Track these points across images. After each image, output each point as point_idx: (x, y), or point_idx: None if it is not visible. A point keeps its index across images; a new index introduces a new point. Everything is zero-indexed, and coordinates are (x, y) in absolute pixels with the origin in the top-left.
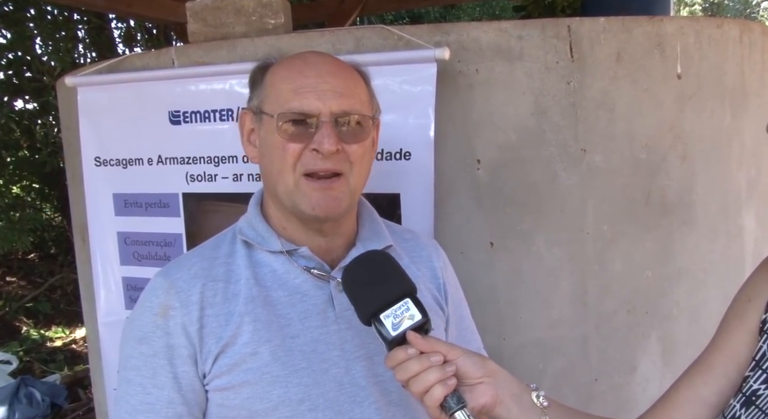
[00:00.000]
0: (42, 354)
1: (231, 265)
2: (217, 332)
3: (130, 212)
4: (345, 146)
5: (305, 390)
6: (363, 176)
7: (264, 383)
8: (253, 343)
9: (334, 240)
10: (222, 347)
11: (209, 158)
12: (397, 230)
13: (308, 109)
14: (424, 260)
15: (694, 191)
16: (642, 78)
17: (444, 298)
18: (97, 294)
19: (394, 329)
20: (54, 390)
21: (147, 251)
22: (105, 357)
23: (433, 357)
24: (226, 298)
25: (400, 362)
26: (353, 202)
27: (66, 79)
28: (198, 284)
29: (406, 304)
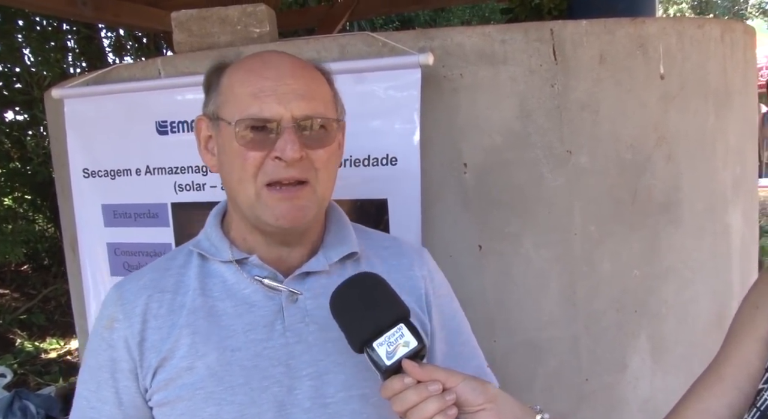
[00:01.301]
0: (37, 366)
1: (182, 276)
2: (157, 345)
3: (120, 222)
4: (309, 152)
5: (239, 410)
6: (330, 182)
7: (197, 399)
8: (190, 357)
9: (296, 250)
10: (160, 361)
11: (197, 167)
12: (374, 237)
13: (268, 114)
14: (403, 268)
15: (680, 190)
16: (625, 79)
17: (426, 310)
18: (88, 306)
19: (388, 357)
20: (48, 403)
21: (137, 262)
22: None
23: (431, 385)
24: (172, 310)
25: (396, 392)
26: (320, 210)
27: (53, 92)
28: (144, 296)
29: (400, 330)
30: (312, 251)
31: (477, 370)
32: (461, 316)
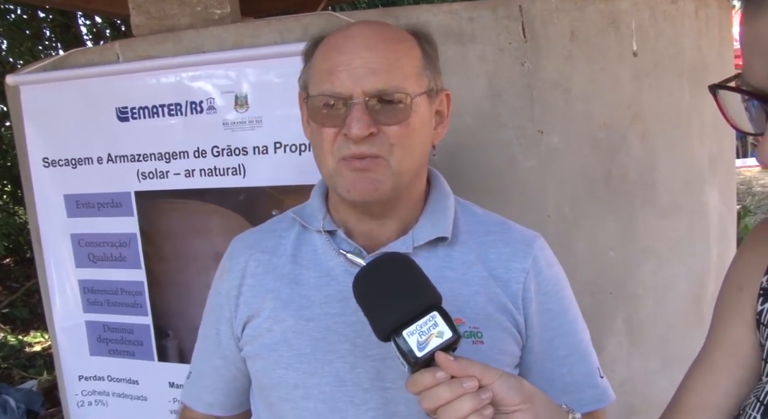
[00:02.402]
0: (21, 360)
1: (282, 240)
2: (249, 302)
3: (83, 213)
4: (383, 128)
5: (302, 378)
6: (410, 157)
7: (270, 360)
8: (271, 319)
9: (386, 224)
10: (249, 317)
11: (160, 154)
12: (483, 220)
13: (338, 90)
14: (503, 258)
15: (655, 169)
16: (597, 57)
17: (521, 306)
18: (53, 299)
19: (420, 348)
20: (30, 397)
21: (102, 253)
22: (64, 362)
23: (466, 382)
24: (266, 271)
25: (426, 387)
26: (399, 185)
27: (7, 78)
28: (246, 254)
29: (434, 319)
30: (404, 229)
31: (584, 378)
32: (573, 318)
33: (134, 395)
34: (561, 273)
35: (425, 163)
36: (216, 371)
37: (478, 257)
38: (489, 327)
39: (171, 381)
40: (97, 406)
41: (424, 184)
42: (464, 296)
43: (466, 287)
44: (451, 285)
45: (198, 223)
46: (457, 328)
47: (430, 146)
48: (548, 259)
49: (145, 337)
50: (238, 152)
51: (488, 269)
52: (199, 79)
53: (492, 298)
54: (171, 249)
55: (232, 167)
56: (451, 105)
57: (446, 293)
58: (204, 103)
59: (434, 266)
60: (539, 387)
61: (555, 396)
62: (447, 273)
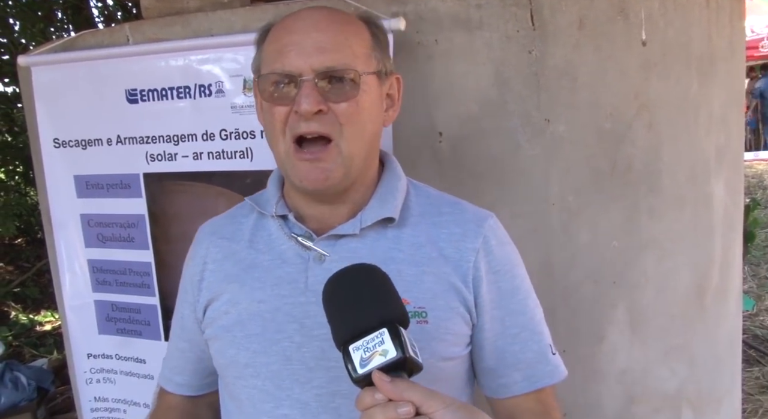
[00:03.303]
0: (32, 339)
1: (240, 226)
2: (210, 286)
3: (92, 193)
4: (332, 105)
5: (252, 357)
6: (359, 140)
7: (224, 341)
8: (228, 303)
9: (338, 209)
10: (209, 300)
11: (168, 137)
12: (435, 201)
13: (289, 68)
14: (453, 238)
15: (660, 159)
16: (605, 45)
17: (471, 285)
18: (62, 278)
19: (362, 365)
20: (40, 375)
21: (111, 233)
22: (73, 340)
23: (401, 407)
24: (226, 256)
25: (366, 407)
26: (351, 170)
27: (19, 59)
28: (207, 240)
29: (381, 336)
30: (355, 212)
31: (536, 355)
32: (524, 296)
33: (141, 373)
34: (513, 252)
35: (376, 145)
36: (182, 353)
37: (429, 238)
38: (435, 307)
39: None
40: (105, 384)
41: (376, 167)
42: (410, 276)
43: (414, 267)
44: (398, 266)
45: (205, 205)
46: (408, 349)
47: (381, 128)
48: (500, 238)
49: (152, 317)
50: (246, 135)
51: (438, 250)
52: (208, 63)
53: (440, 278)
54: (178, 231)
55: (240, 151)
56: (401, 89)
57: (393, 273)
58: (212, 87)
59: (383, 247)
60: (492, 364)
61: (507, 372)
62: (395, 254)
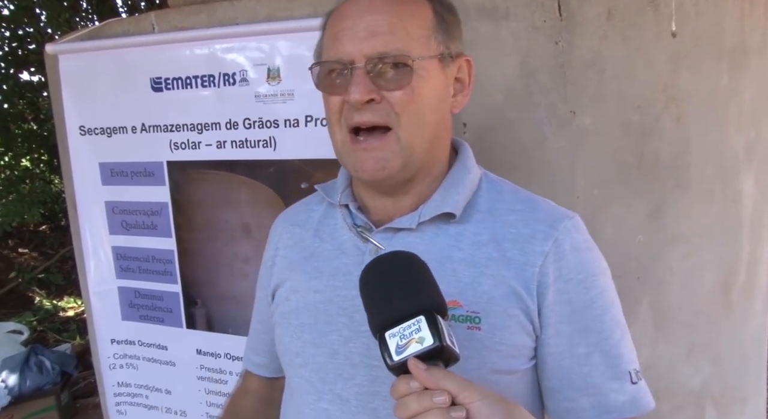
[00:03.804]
0: (55, 324)
1: (311, 213)
2: (279, 272)
3: (117, 181)
4: (386, 94)
5: (302, 346)
6: (418, 129)
7: (282, 327)
8: (289, 290)
9: (401, 201)
10: (276, 286)
11: (192, 125)
12: (507, 197)
13: (341, 55)
14: (520, 239)
15: (688, 153)
16: (634, 36)
17: (535, 293)
18: (87, 264)
19: (397, 352)
20: (64, 359)
21: (135, 220)
22: (97, 325)
23: (437, 396)
24: (295, 243)
25: (401, 395)
26: (410, 161)
27: (47, 47)
28: (281, 226)
29: (418, 323)
30: (419, 204)
31: (609, 381)
32: (601, 312)
33: (163, 360)
34: (593, 261)
35: (442, 134)
36: (258, 334)
37: (493, 237)
38: (490, 313)
39: (198, 348)
40: (127, 369)
41: (444, 157)
42: (466, 277)
43: (471, 268)
44: (454, 265)
45: (228, 194)
46: (445, 338)
47: (447, 116)
48: (576, 243)
49: (174, 304)
50: (269, 124)
51: (501, 251)
52: (232, 52)
53: (500, 282)
54: (201, 219)
55: (263, 140)
56: (473, 72)
57: (448, 273)
58: (237, 75)
59: (441, 244)
60: (556, 385)
61: (574, 396)
62: (453, 253)
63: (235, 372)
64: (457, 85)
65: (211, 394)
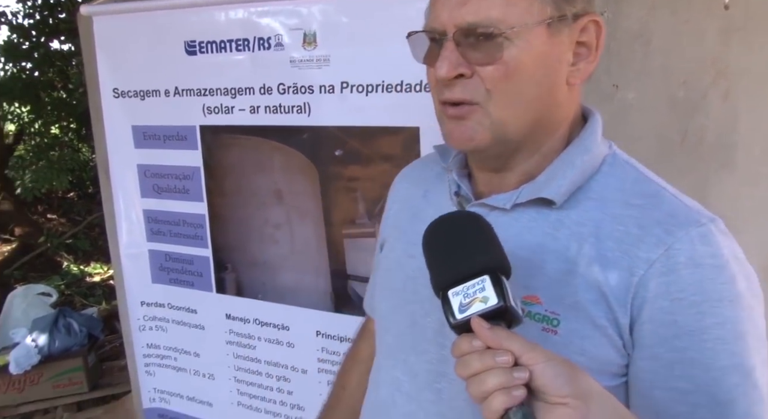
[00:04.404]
0: (82, 289)
1: (427, 173)
2: (386, 228)
3: (149, 144)
4: (477, 68)
5: (387, 311)
6: (513, 106)
7: (378, 286)
8: (388, 249)
9: (505, 176)
10: (382, 242)
11: (226, 89)
12: (628, 188)
13: (434, 25)
14: (626, 240)
15: (735, 132)
16: (683, 8)
17: (629, 306)
18: (119, 227)
19: (460, 311)
20: (91, 322)
21: (166, 184)
22: (128, 287)
23: (499, 356)
24: (405, 200)
25: (462, 353)
26: (504, 136)
27: (81, 9)
28: (399, 182)
29: (483, 282)
30: (523, 183)
31: None
32: (716, 345)
33: (192, 323)
34: (720, 283)
35: (553, 109)
36: (373, 278)
37: (596, 233)
38: (571, 318)
39: (228, 312)
40: (157, 331)
41: (561, 133)
42: (554, 272)
43: (563, 263)
44: (545, 256)
45: (260, 160)
46: (509, 299)
47: (560, 89)
48: (697, 257)
49: (204, 269)
50: (304, 90)
51: (601, 250)
52: (268, 16)
53: (592, 284)
54: (233, 184)
55: (297, 105)
56: (602, 34)
57: (536, 264)
58: (272, 40)
59: (537, 231)
60: (641, 414)
61: None
62: (547, 242)
63: (264, 337)
64: (581, 51)
65: (239, 359)
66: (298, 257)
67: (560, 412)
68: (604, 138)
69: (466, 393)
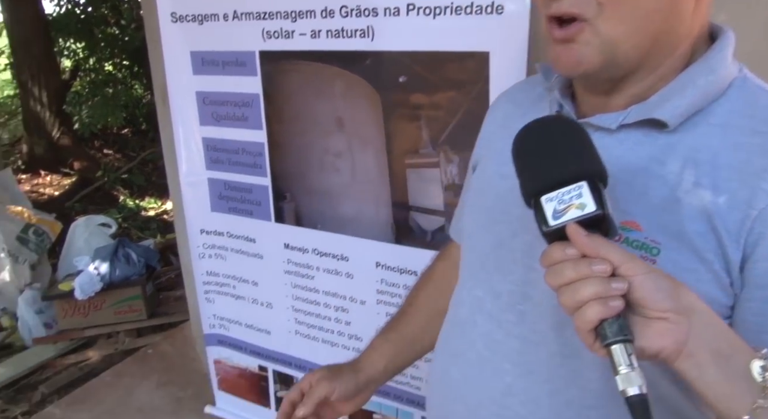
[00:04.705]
0: (138, 222)
1: (530, 92)
2: (480, 148)
3: (208, 70)
4: None
5: (475, 229)
6: (627, 22)
7: (467, 207)
8: (481, 168)
9: (614, 98)
10: (476, 162)
11: (286, 13)
12: (758, 115)
13: None
14: (747, 170)
15: None
16: None
17: (741, 244)
18: (179, 155)
19: (554, 217)
20: (148, 253)
21: (225, 112)
22: (188, 215)
23: (596, 264)
24: (504, 121)
25: (554, 262)
26: (616, 58)
27: None
28: (498, 101)
29: (579, 189)
30: (635, 103)
31: None
32: None
33: (251, 252)
34: None
35: (675, 25)
36: (461, 201)
37: (712, 159)
38: (675, 248)
39: (286, 242)
40: (216, 259)
41: (682, 51)
42: (660, 199)
43: (669, 189)
44: (649, 181)
45: (321, 86)
46: (607, 206)
47: (684, 5)
48: None
49: (263, 197)
50: (368, 12)
51: (715, 178)
52: None
53: (700, 214)
54: (293, 111)
55: (361, 29)
56: None
57: (638, 188)
58: None
59: (642, 153)
60: None
61: None
62: (653, 167)
63: (323, 267)
64: None
65: (297, 288)
66: (358, 187)
67: (659, 327)
68: (734, 60)
69: (549, 317)
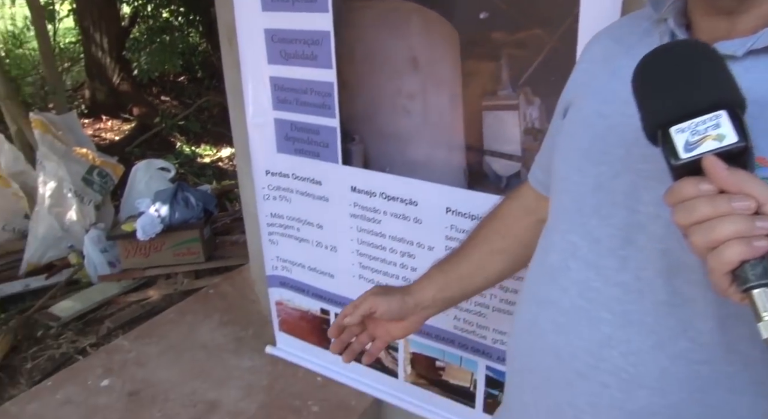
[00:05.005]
0: (194, 168)
1: (636, 28)
2: (575, 88)
3: (276, 6)
4: None
5: (569, 171)
6: None
7: (558, 146)
8: (575, 108)
9: (739, 21)
10: (569, 102)
11: None
12: None
13: None
14: None
15: None
16: None
17: None
18: (246, 94)
19: (686, 150)
20: (206, 198)
21: (294, 50)
22: (253, 156)
23: (737, 200)
24: (604, 58)
25: (684, 198)
26: None
27: None
28: (596, 38)
29: (717, 119)
30: (764, 26)
31: None
32: None
33: (316, 195)
34: None
35: None
36: (545, 146)
37: None
38: None
39: (353, 185)
40: (281, 201)
41: None
42: None
43: None
44: None
45: (395, 23)
46: (749, 137)
47: None
48: None
49: (331, 139)
50: None
51: None
52: None
53: None
54: (364, 50)
55: None
56: None
57: (766, 119)
58: None
59: None
60: None
61: None
62: None
63: (390, 212)
64: None
65: (363, 232)
66: (431, 130)
67: None
68: None
69: (657, 262)
